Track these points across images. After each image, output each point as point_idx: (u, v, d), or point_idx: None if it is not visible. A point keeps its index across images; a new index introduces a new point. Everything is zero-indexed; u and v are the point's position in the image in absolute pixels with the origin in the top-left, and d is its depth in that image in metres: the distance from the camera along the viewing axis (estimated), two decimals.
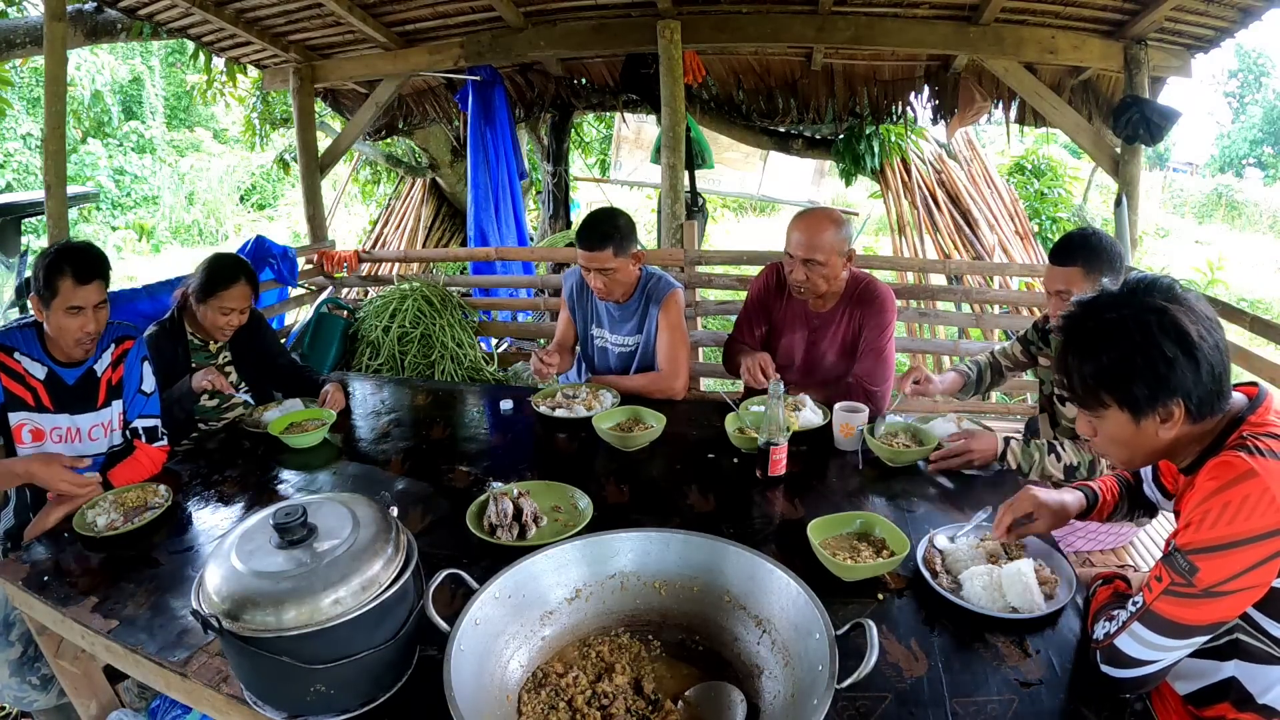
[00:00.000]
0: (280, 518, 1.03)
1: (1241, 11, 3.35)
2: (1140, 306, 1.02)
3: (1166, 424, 1.04)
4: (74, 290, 1.71)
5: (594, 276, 2.28)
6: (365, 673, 1.04)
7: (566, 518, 1.57)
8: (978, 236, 5.87)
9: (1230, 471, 0.97)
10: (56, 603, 1.35)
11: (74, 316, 1.73)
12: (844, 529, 1.46)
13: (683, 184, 4.14)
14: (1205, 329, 1.01)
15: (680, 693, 1.07)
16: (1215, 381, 1.02)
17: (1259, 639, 1.04)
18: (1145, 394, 1.03)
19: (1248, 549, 0.94)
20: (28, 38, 4.19)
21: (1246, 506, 0.94)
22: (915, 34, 3.82)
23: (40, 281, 1.72)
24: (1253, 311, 2.94)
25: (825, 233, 2.07)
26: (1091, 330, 1.06)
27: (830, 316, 2.25)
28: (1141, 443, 1.09)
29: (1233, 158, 19.86)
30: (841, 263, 2.13)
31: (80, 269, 1.72)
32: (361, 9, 3.96)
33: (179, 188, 12.82)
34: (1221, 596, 0.96)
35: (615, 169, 9.49)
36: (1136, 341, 1.01)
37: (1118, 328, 1.03)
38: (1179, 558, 0.98)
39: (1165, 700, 1.15)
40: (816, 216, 2.13)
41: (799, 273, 2.12)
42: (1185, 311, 1.01)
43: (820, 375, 2.30)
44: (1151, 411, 1.04)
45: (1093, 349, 1.06)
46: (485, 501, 1.57)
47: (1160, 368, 1.01)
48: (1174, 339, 1.00)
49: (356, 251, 4.61)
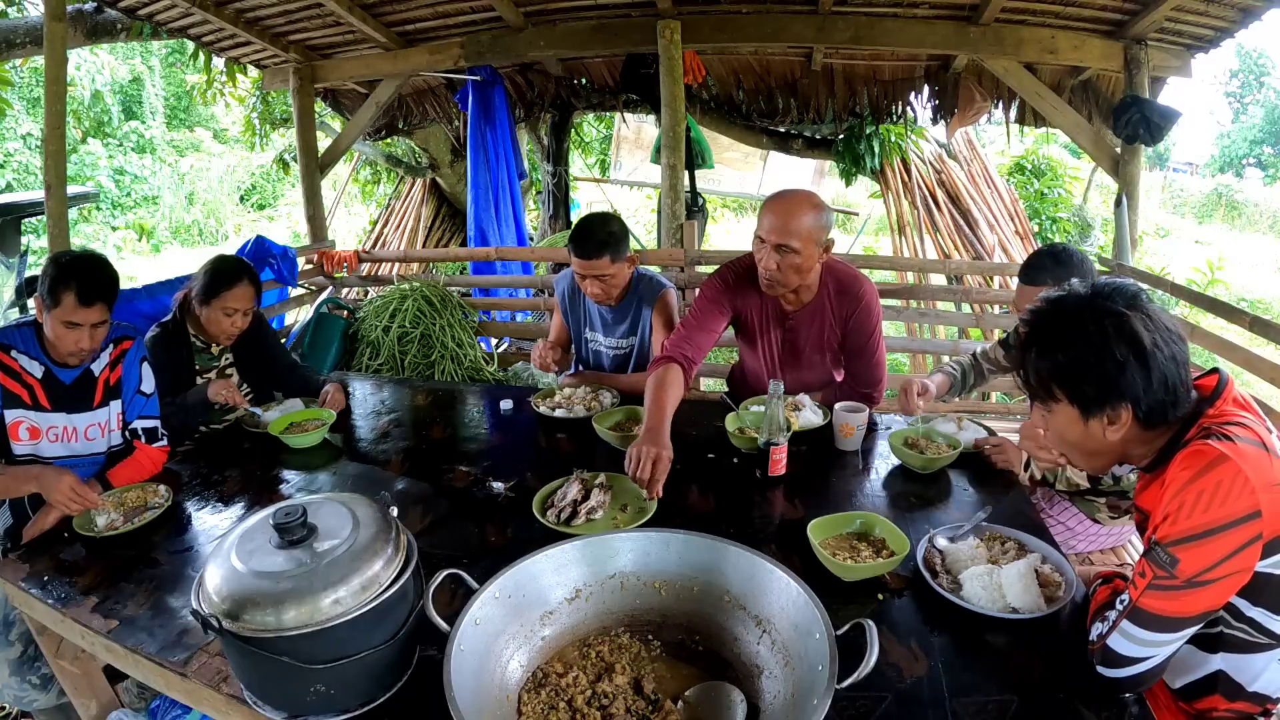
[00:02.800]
0: (280, 518, 1.03)
1: (1241, 11, 3.35)
2: (1101, 309, 1.04)
3: (1113, 426, 1.06)
4: (75, 309, 1.70)
5: (591, 283, 2.26)
6: (365, 673, 1.04)
7: (624, 519, 1.57)
8: (978, 236, 5.86)
9: (1201, 459, 0.98)
10: (56, 603, 1.35)
11: (70, 330, 1.72)
12: (844, 529, 1.46)
13: (683, 184, 4.14)
14: (1163, 339, 1.03)
15: (680, 693, 1.07)
16: (1168, 392, 1.03)
17: (1241, 628, 1.05)
18: (1094, 394, 1.05)
19: (1226, 535, 0.94)
20: (28, 38, 4.20)
21: (1221, 492, 0.95)
22: (915, 34, 3.83)
23: (45, 286, 1.72)
24: (1253, 311, 2.94)
25: (803, 217, 1.83)
26: (1051, 326, 1.09)
27: (807, 314, 2.07)
28: (1088, 441, 1.11)
29: (1233, 158, 19.87)
30: (818, 254, 1.90)
31: (86, 289, 1.70)
32: (361, 9, 3.96)
33: (179, 188, 12.81)
34: (1205, 586, 0.97)
35: (615, 169, 9.48)
36: (1092, 342, 1.03)
37: (1076, 326, 1.05)
38: (1159, 551, 0.99)
39: (1157, 697, 1.16)
40: (794, 197, 1.88)
41: (769, 260, 1.88)
42: (1144, 320, 1.03)
43: (800, 378, 2.16)
44: (1099, 412, 1.06)
45: (1049, 344, 1.08)
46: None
47: (1111, 370, 1.03)
48: (1127, 344, 1.01)
49: (356, 251, 4.61)
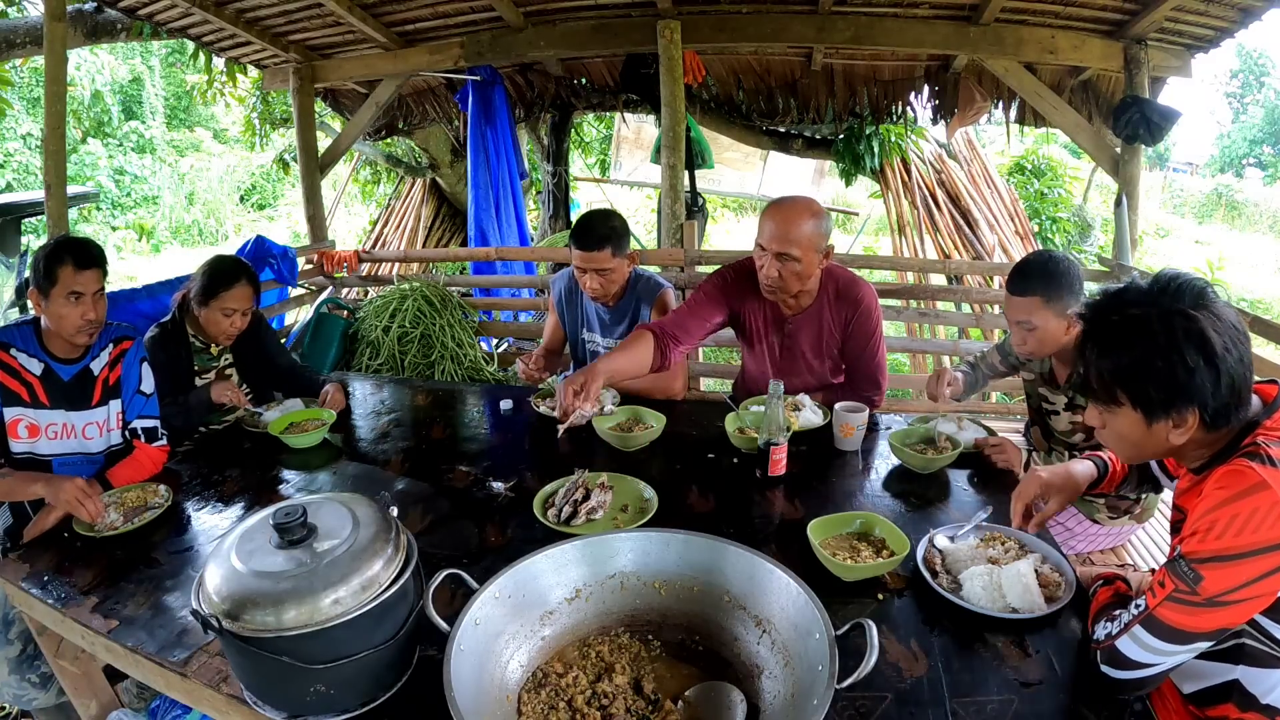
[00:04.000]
0: (280, 518, 1.03)
1: (1241, 11, 3.35)
2: (1168, 310, 0.99)
3: (1179, 429, 1.03)
4: (74, 276, 1.74)
5: (590, 277, 2.26)
6: (365, 673, 1.04)
7: (624, 519, 1.57)
8: (978, 236, 5.87)
9: (1241, 482, 0.95)
10: (56, 602, 1.35)
11: (74, 305, 1.75)
12: (844, 529, 1.46)
13: (683, 184, 4.14)
14: (1230, 340, 0.98)
15: (680, 693, 1.07)
16: (1234, 395, 1.00)
17: (1265, 643, 1.03)
18: (1161, 398, 1.01)
19: (1254, 560, 0.92)
20: (28, 38, 4.19)
21: (1255, 519, 0.92)
22: (915, 34, 3.82)
23: (40, 272, 1.75)
24: (1253, 311, 2.94)
25: (803, 224, 1.87)
26: (1115, 325, 1.04)
27: (805, 319, 2.09)
28: (1149, 443, 1.07)
29: (1233, 158, 19.87)
30: (818, 260, 1.94)
31: (79, 256, 1.77)
32: (361, 9, 3.96)
33: (179, 188, 12.81)
34: (1226, 606, 0.95)
35: (615, 169, 9.48)
36: (1159, 344, 0.99)
37: (1141, 327, 1.00)
38: (1184, 565, 0.97)
39: (1166, 699, 1.15)
40: (794, 206, 1.90)
41: (770, 268, 1.91)
42: (1212, 320, 0.98)
43: (799, 383, 2.15)
44: (1165, 416, 1.02)
45: (1113, 345, 1.03)
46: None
47: (1180, 375, 0.98)
48: (1197, 347, 0.97)
49: (356, 251, 4.61)
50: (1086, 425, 1.85)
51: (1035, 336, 1.76)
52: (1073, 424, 1.91)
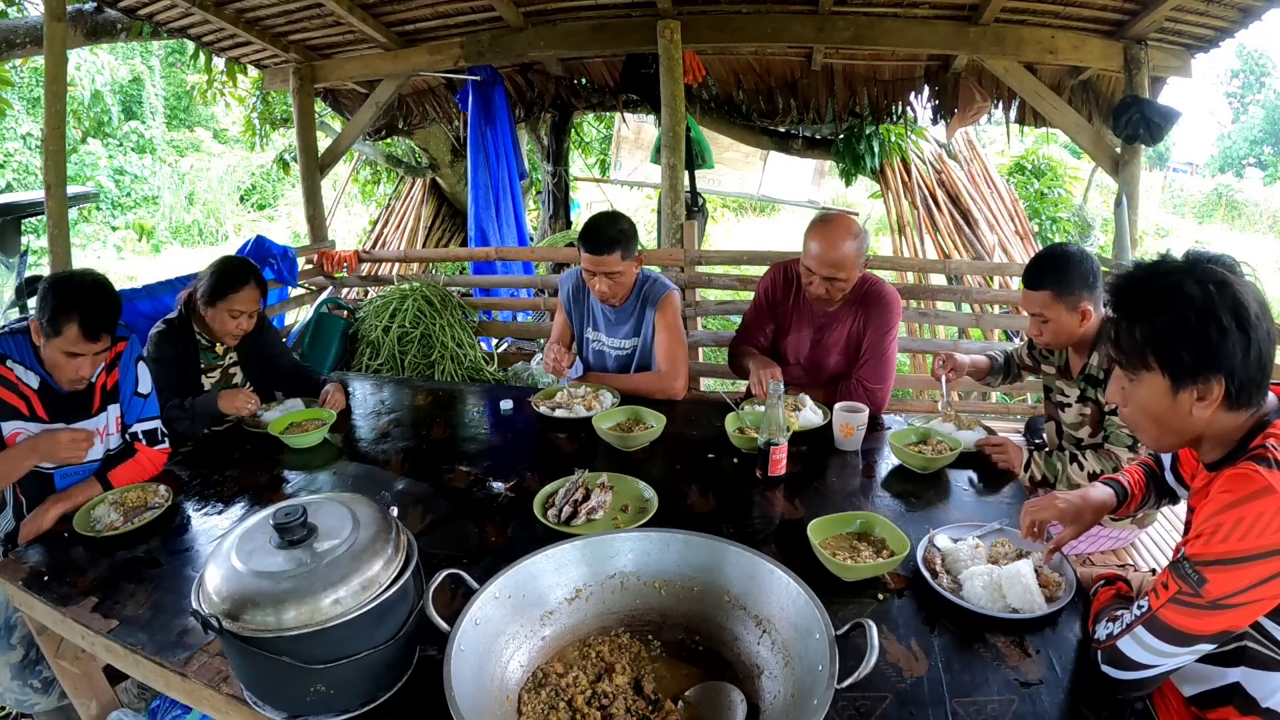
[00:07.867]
0: (280, 518, 1.03)
1: (1241, 11, 3.35)
2: (1205, 273, 1.01)
3: (1202, 402, 1.02)
4: (78, 341, 1.65)
5: (599, 280, 2.27)
6: (365, 673, 1.04)
7: (624, 519, 1.57)
8: (978, 236, 5.87)
9: (1247, 486, 0.95)
10: (56, 603, 1.35)
11: (71, 360, 1.68)
12: (844, 529, 1.46)
13: (683, 184, 4.14)
14: (1262, 310, 1.00)
15: (680, 693, 1.07)
16: (1260, 369, 1.00)
17: (1267, 646, 1.03)
18: (1191, 361, 1.00)
19: (1259, 564, 0.93)
20: (28, 38, 4.19)
21: (1260, 523, 0.92)
22: (915, 34, 3.82)
23: (45, 314, 1.63)
24: None
25: (848, 249, 2.04)
26: (1151, 290, 1.05)
27: (837, 316, 2.24)
28: (1172, 419, 1.06)
29: (1233, 158, 19.87)
30: (858, 273, 2.14)
31: (90, 321, 1.64)
32: (361, 9, 3.96)
33: (179, 188, 12.81)
34: (1229, 609, 0.95)
35: (615, 169, 9.48)
36: (1195, 305, 0.99)
37: (1177, 291, 1.01)
38: (1188, 567, 0.97)
39: (1167, 701, 1.15)
40: (837, 230, 2.06)
41: (819, 287, 2.11)
42: (1245, 289, 1.00)
43: (823, 374, 2.29)
44: (1192, 383, 1.01)
45: (1148, 307, 1.04)
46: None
47: (1213, 336, 0.98)
48: (1231, 310, 0.98)
49: (356, 251, 4.61)
50: (1093, 420, 1.87)
51: (1049, 329, 1.83)
52: (1081, 416, 1.91)
